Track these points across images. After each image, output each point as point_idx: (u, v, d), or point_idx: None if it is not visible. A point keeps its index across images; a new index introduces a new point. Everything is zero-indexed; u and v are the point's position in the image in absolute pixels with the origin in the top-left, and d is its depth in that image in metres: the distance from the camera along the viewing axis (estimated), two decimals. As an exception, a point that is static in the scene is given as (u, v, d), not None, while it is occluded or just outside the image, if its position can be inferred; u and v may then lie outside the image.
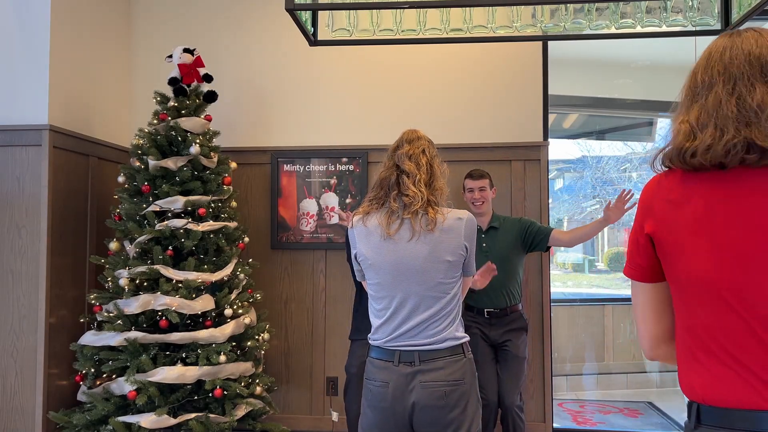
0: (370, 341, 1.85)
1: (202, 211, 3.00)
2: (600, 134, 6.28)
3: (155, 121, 3.13)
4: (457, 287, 1.80)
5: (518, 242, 3.10)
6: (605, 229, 6.90)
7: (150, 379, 2.72)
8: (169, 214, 2.98)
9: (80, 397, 2.93)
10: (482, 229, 3.12)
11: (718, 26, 2.14)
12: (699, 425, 1.02)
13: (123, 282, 2.87)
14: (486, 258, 2.99)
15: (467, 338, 1.81)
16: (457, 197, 3.52)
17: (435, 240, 1.74)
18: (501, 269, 2.98)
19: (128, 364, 2.76)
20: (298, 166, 3.69)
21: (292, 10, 1.92)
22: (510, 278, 3.08)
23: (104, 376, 2.88)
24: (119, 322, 2.84)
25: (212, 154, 3.16)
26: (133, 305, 2.82)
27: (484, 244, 3.08)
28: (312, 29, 2.28)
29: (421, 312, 1.74)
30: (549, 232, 3.10)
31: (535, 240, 3.10)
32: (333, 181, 3.66)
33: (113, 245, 3.03)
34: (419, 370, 1.72)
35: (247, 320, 3.07)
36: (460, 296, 1.83)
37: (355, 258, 1.85)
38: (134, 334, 2.78)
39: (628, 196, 2.97)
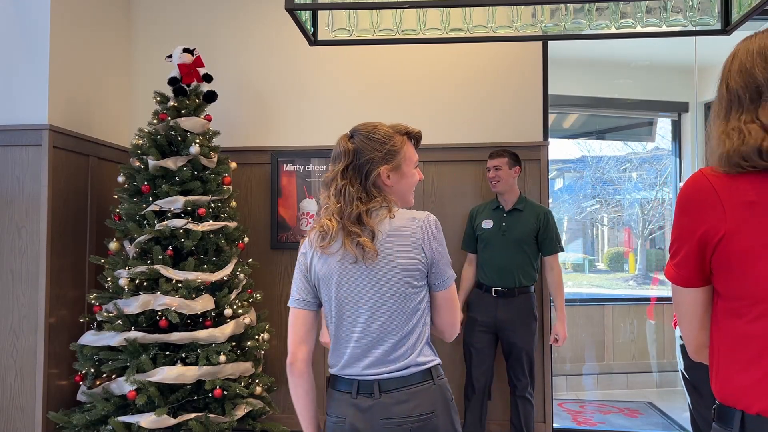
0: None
1: (201, 211, 3.00)
2: (600, 134, 6.28)
3: (155, 121, 3.13)
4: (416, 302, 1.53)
5: (534, 232, 3.16)
6: (605, 229, 6.90)
7: (150, 379, 2.72)
8: (169, 214, 2.98)
9: (80, 397, 2.93)
10: (504, 209, 3.20)
11: (718, 26, 2.14)
12: None
13: (123, 282, 2.87)
14: (503, 238, 3.11)
15: (436, 362, 1.56)
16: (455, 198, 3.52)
17: (381, 245, 1.51)
18: (515, 251, 3.13)
19: (128, 364, 2.76)
20: (298, 166, 3.69)
21: (292, 10, 1.92)
22: (523, 260, 3.14)
23: (104, 376, 2.88)
24: (119, 322, 2.84)
25: (212, 154, 3.16)
26: (133, 305, 2.82)
27: (504, 224, 3.16)
28: (312, 29, 2.28)
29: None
30: (553, 252, 3.19)
31: (540, 246, 3.19)
32: (333, 181, 3.66)
33: (113, 245, 3.03)
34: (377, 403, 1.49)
35: (247, 320, 3.07)
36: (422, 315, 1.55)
37: None
38: (134, 334, 2.78)
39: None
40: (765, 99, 1.02)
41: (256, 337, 3.13)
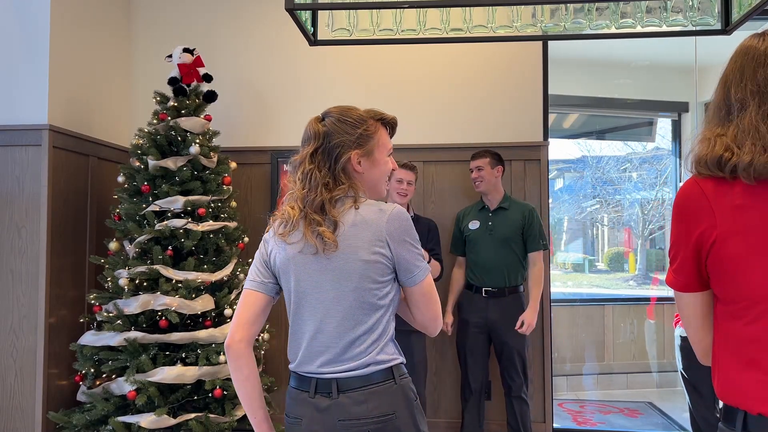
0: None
1: (201, 211, 3.00)
2: (600, 134, 6.28)
3: (155, 121, 3.13)
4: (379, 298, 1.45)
5: (521, 229, 3.16)
6: (605, 229, 6.91)
7: (150, 379, 2.72)
8: (169, 214, 2.98)
9: (80, 397, 2.93)
10: (489, 209, 3.22)
11: (718, 26, 2.13)
12: None
13: (123, 282, 2.87)
14: (490, 237, 3.11)
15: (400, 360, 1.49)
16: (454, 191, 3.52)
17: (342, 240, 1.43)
18: (503, 250, 3.13)
19: (128, 364, 2.77)
20: (298, 166, 3.69)
21: (292, 10, 1.92)
22: (512, 259, 3.15)
23: (104, 376, 2.88)
24: (119, 322, 2.84)
25: (212, 154, 3.16)
26: (133, 305, 2.82)
27: (490, 223, 3.18)
28: (312, 29, 2.28)
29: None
30: (536, 249, 3.17)
31: (525, 243, 3.19)
32: (333, 181, 3.65)
33: (113, 245, 3.03)
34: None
35: (247, 320, 3.06)
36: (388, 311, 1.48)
37: None
38: (134, 334, 2.78)
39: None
40: (732, 119, 1.08)
41: (256, 337, 3.13)
